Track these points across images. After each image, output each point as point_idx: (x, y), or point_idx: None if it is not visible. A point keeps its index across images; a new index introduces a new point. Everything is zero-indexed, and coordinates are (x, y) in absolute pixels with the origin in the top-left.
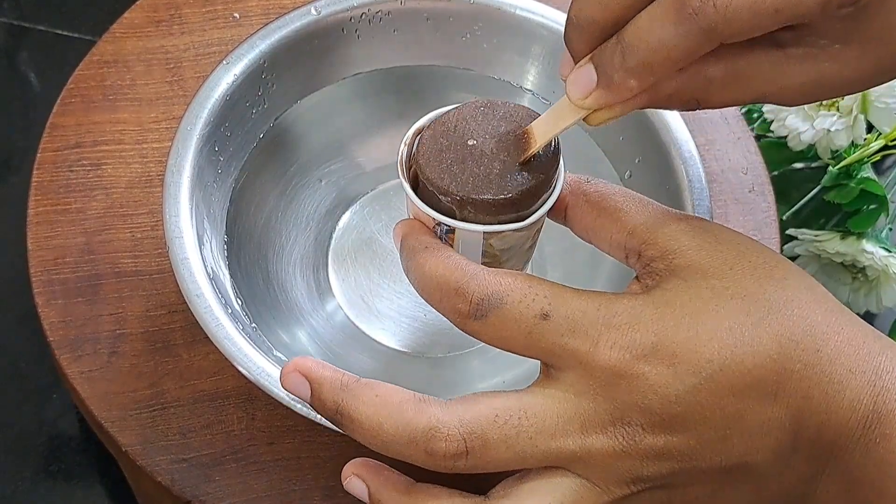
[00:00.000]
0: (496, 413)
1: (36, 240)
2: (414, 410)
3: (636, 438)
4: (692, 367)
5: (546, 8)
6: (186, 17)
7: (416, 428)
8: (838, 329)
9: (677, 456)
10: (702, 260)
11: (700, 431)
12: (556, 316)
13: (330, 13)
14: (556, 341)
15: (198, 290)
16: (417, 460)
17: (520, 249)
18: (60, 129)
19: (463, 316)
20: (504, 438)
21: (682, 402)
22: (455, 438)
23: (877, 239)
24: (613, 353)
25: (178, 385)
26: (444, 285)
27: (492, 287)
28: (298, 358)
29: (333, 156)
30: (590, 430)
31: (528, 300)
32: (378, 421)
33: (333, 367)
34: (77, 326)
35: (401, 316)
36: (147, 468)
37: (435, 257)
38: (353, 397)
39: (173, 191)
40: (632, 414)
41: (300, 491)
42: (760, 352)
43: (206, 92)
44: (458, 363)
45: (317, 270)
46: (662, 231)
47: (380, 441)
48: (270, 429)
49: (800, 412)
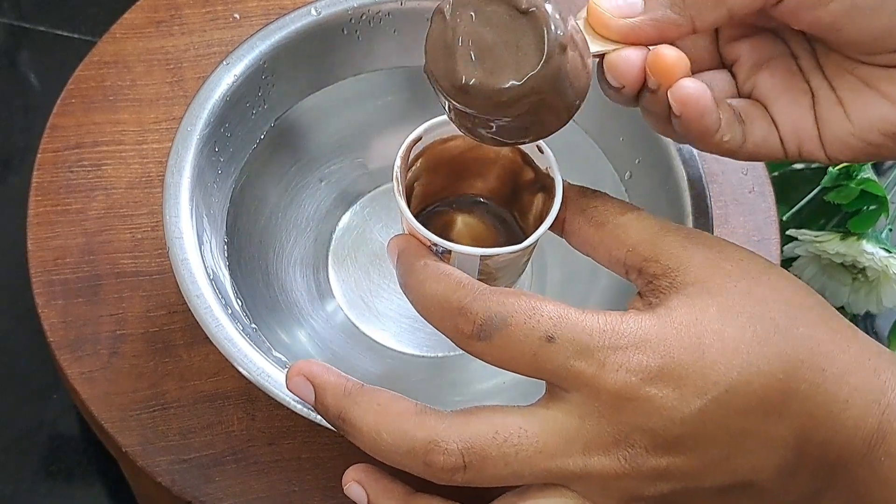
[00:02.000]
0: (496, 430)
1: (36, 240)
2: (414, 422)
3: (639, 460)
4: (698, 390)
5: None
6: (187, 18)
7: (415, 439)
8: (844, 347)
9: (680, 476)
10: (705, 277)
11: (704, 452)
12: (561, 338)
13: (330, 14)
14: (561, 363)
15: (198, 291)
16: (415, 470)
17: (515, 266)
18: (60, 130)
19: (466, 336)
20: (502, 456)
21: (688, 425)
22: (453, 453)
23: (877, 239)
24: (619, 375)
25: (179, 386)
26: (445, 304)
27: (496, 308)
28: (303, 361)
29: (334, 156)
30: (592, 451)
31: (532, 322)
32: (378, 430)
33: (338, 371)
34: (77, 327)
35: (401, 316)
36: (147, 469)
37: (435, 275)
38: (356, 404)
39: (173, 191)
40: (636, 436)
41: (300, 492)
42: (766, 372)
43: (207, 92)
44: (457, 364)
45: (317, 271)
46: (664, 248)
47: (379, 450)
48: (270, 429)
49: (805, 430)
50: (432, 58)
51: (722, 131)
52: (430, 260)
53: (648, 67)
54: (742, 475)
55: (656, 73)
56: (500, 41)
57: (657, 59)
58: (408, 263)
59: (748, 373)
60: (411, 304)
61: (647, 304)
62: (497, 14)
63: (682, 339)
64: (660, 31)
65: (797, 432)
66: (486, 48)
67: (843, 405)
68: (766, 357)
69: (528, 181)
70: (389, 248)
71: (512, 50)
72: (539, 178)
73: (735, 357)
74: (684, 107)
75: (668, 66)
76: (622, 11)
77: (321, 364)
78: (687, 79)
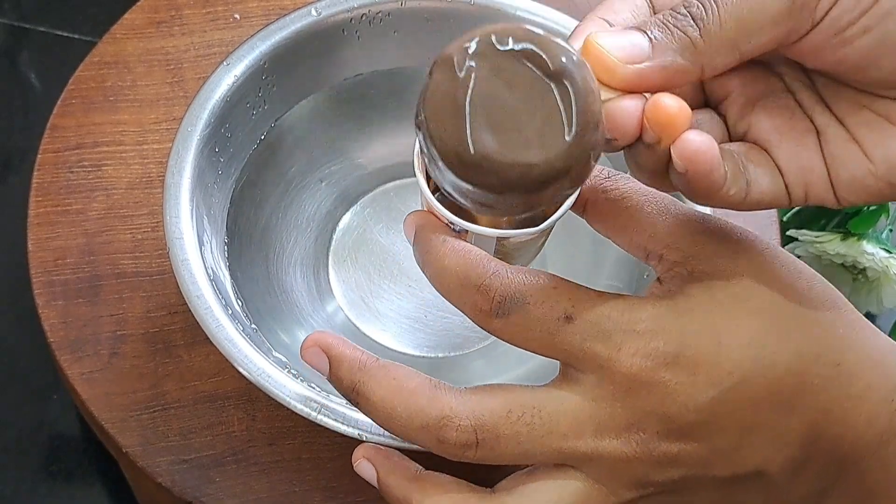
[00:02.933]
0: (509, 408)
1: (36, 241)
2: (428, 397)
3: (650, 445)
4: (713, 379)
5: (546, 9)
6: (187, 18)
7: (428, 415)
8: (859, 344)
9: (690, 463)
10: (725, 267)
11: (715, 440)
12: (579, 319)
13: (330, 14)
14: (578, 345)
15: (198, 292)
16: (428, 446)
17: (532, 247)
18: (61, 130)
19: (484, 313)
20: (515, 434)
21: (701, 412)
22: (466, 429)
23: (877, 240)
24: (636, 360)
25: (179, 386)
26: (465, 281)
27: (515, 286)
28: (318, 332)
29: (334, 157)
30: (604, 433)
31: (551, 301)
32: (392, 405)
33: (354, 344)
34: (77, 327)
35: (401, 317)
36: (147, 469)
37: (454, 251)
38: (370, 378)
39: (174, 192)
40: (649, 421)
41: (301, 492)
42: (781, 365)
43: (207, 93)
44: (458, 364)
45: (317, 271)
46: (685, 235)
47: (393, 424)
48: (271, 430)
49: (816, 425)
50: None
51: (728, 185)
52: (449, 236)
53: (647, 120)
54: (751, 466)
55: (657, 126)
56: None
57: (657, 110)
58: (426, 239)
59: (762, 365)
60: (428, 279)
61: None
62: (519, 75)
63: (698, 327)
64: (667, 78)
65: (809, 426)
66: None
67: (856, 401)
68: (781, 349)
69: None
70: (406, 224)
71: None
72: None
73: (750, 348)
74: (691, 164)
75: (670, 119)
76: (629, 55)
77: (337, 336)
78: (692, 132)
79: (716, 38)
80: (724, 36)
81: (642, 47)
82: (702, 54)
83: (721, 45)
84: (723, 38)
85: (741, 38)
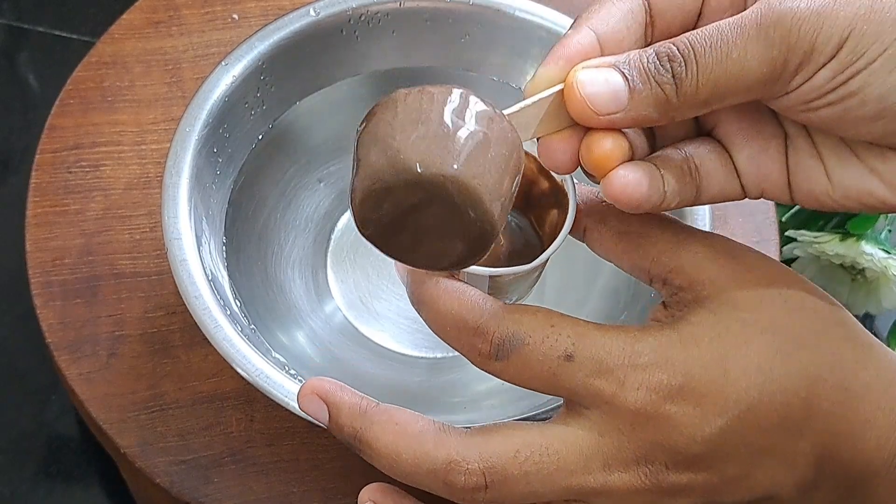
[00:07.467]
0: (517, 448)
1: (35, 241)
2: (434, 441)
3: (659, 476)
4: (719, 409)
5: (545, 9)
6: (185, 19)
7: (435, 459)
8: (867, 365)
9: (700, 492)
10: (731, 291)
11: (724, 468)
12: (580, 357)
13: (329, 14)
14: (580, 382)
15: (196, 292)
16: (436, 490)
17: (527, 280)
18: (59, 131)
19: (483, 356)
20: (524, 475)
21: (708, 443)
22: (475, 473)
23: (876, 241)
24: (640, 394)
25: (177, 387)
26: (461, 324)
27: (512, 327)
28: (316, 379)
29: (332, 157)
30: (612, 467)
31: (550, 340)
32: (397, 450)
33: (352, 389)
34: (76, 328)
35: (399, 317)
36: (146, 470)
37: (448, 293)
38: (372, 424)
39: (172, 192)
40: (656, 453)
41: (299, 493)
42: (789, 389)
43: (205, 93)
44: (457, 364)
45: (315, 272)
46: (688, 258)
47: (399, 470)
48: (269, 430)
49: (825, 448)
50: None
51: (668, 202)
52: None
53: (581, 158)
54: (762, 491)
55: (590, 163)
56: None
57: (590, 151)
58: (419, 281)
59: (770, 390)
60: (424, 322)
61: (670, 315)
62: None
63: (703, 356)
64: (634, 125)
65: (818, 449)
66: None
67: (865, 424)
68: (788, 374)
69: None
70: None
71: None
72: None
73: (758, 375)
74: (618, 202)
75: (602, 160)
76: (609, 107)
77: (334, 382)
78: (622, 168)
79: (690, 99)
80: (698, 98)
81: (620, 99)
82: (674, 110)
83: (694, 104)
84: (697, 99)
85: (714, 99)
